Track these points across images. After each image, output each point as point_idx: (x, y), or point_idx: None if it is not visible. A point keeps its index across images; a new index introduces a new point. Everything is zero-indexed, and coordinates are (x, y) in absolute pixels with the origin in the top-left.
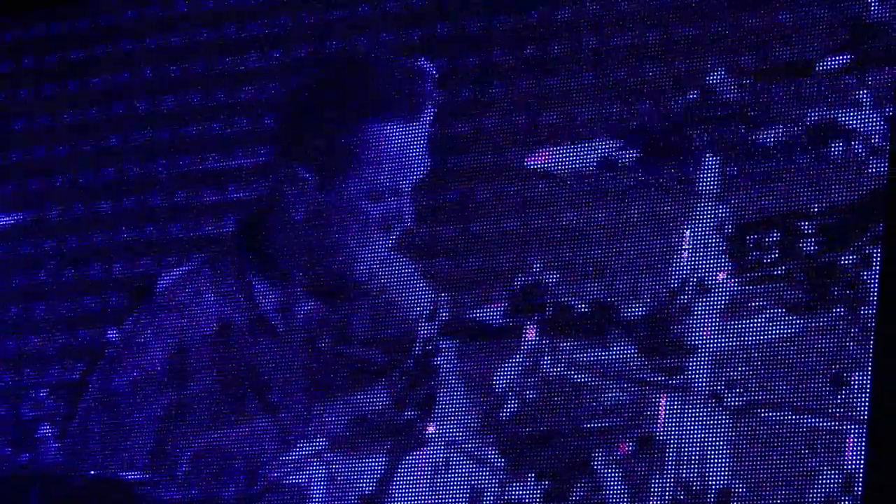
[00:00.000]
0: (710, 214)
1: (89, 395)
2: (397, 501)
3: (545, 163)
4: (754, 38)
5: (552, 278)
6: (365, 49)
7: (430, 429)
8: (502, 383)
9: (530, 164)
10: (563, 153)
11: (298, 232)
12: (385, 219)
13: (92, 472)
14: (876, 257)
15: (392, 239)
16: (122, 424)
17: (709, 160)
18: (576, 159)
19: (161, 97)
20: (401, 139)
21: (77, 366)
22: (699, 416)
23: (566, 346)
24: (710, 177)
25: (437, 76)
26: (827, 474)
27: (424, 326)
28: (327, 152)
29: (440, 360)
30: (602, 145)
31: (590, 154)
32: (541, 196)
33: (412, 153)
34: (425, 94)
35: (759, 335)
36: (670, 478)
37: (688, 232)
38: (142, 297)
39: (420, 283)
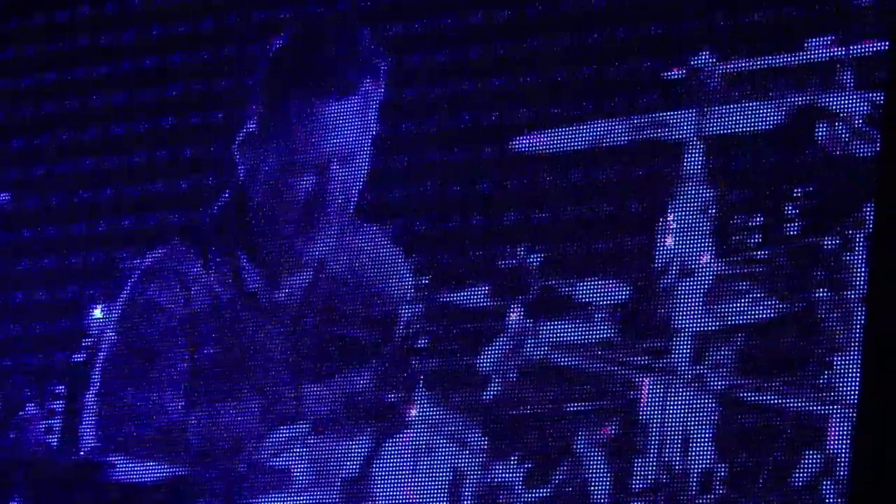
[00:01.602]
0: (695, 197)
1: (74, 376)
2: (380, 483)
3: (530, 145)
4: (739, 20)
5: (536, 260)
6: (319, 22)
7: (413, 411)
8: (485, 365)
9: (515, 147)
10: (547, 136)
11: (281, 204)
12: (333, 190)
13: (82, 453)
14: (859, 240)
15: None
16: (106, 405)
17: (694, 143)
18: (561, 141)
19: (136, 90)
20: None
21: (62, 347)
22: (682, 399)
23: (550, 327)
24: (695, 159)
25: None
26: (809, 456)
27: (408, 308)
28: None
29: (423, 342)
30: (587, 127)
31: (575, 136)
32: (525, 178)
33: (356, 124)
34: (370, 66)
35: (743, 318)
36: (653, 460)
37: (672, 214)
38: (125, 278)
39: (404, 264)
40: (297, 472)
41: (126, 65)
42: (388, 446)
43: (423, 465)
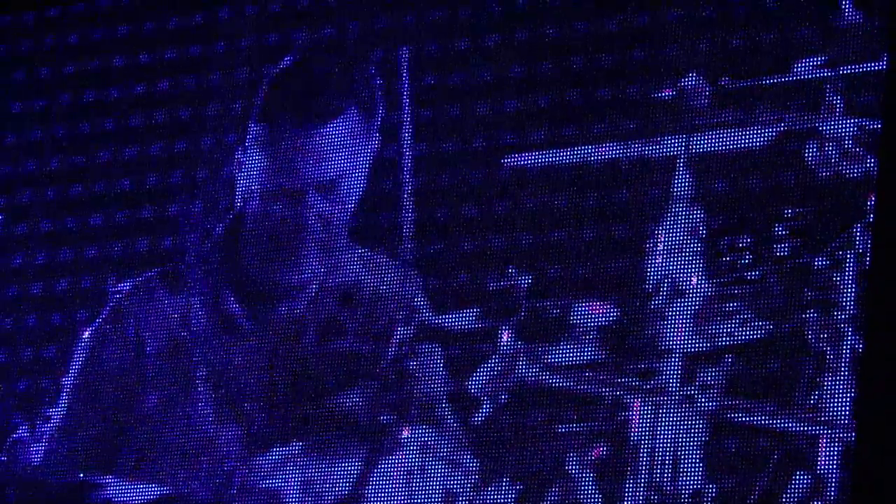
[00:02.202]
0: (684, 218)
1: (63, 398)
2: None
3: (519, 166)
4: (728, 42)
5: (526, 281)
6: (318, 52)
7: (405, 432)
8: (477, 387)
9: (505, 168)
10: (537, 157)
11: (268, 230)
12: (328, 213)
13: (81, 475)
14: (849, 261)
15: (343, 235)
16: (96, 426)
17: (683, 164)
18: (550, 163)
19: (127, 114)
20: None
21: (53, 370)
22: (672, 420)
23: (540, 349)
24: (684, 180)
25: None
26: (799, 477)
27: (400, 330)
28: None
29: (415, 364)
30: (576, 149)
31: (564, 157)
32: (515, 200)
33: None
34: (374, 82)
35: (732, 338)
36: (643, 480)
37: (661, 235)
38: (107, 301)
39: (395, 286)
40: (288, 493)
41: (116, 92)
42: (381, 468)
43: (415, 486)
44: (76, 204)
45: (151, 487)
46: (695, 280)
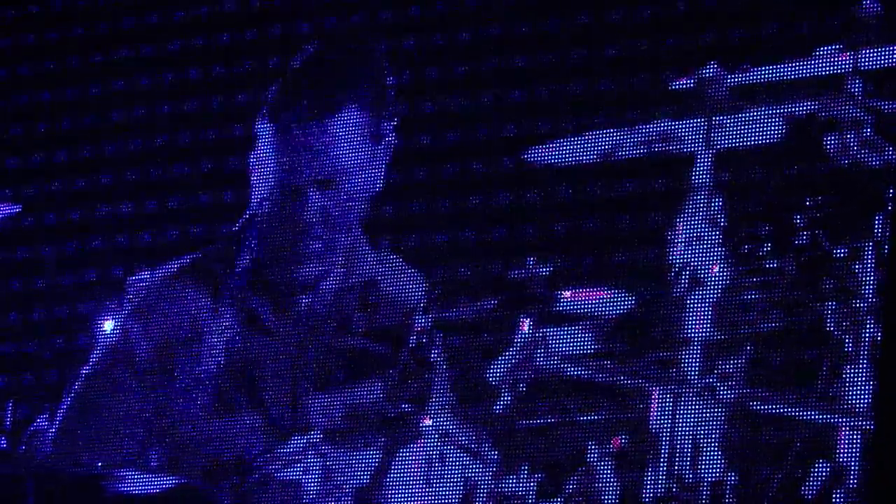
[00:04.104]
0: (704, 208)
1: (81, 390)
2: (392, 494)
3: (539, 157)
4: (746, 30)
5: (546, 271)
6: (328, 40)
7: (425, 422)
8: (496, 376)
9: (525, 159)
10: (557, 148)
11: (278, 227)
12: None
13: (99, 465)
14: (868, 250)
15: (354, 231)
16: (114, 418)
17: (703, 153)
18: (570, 153)
19: (153, 104)
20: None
21: (72, 361)
22: (692, 409)
23: (560, 339)
24: (704, 170)
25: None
26: (819, 466)
27: (419, 319)
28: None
29: (435, 353)
30: (596, 139)
31: (584, 148)
32: (534, 190)
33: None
34: (383, 80)
35: (752, 328)
36: (663, 470)
37: (681, 225)
38: (130, 294)
39: (415, 276)
40: (308, 483)
41: (144, 80)
42: (401, 457)
43: (435, 475)
44: (102, 195)
45: (168, 478)
46: (715, 269)
